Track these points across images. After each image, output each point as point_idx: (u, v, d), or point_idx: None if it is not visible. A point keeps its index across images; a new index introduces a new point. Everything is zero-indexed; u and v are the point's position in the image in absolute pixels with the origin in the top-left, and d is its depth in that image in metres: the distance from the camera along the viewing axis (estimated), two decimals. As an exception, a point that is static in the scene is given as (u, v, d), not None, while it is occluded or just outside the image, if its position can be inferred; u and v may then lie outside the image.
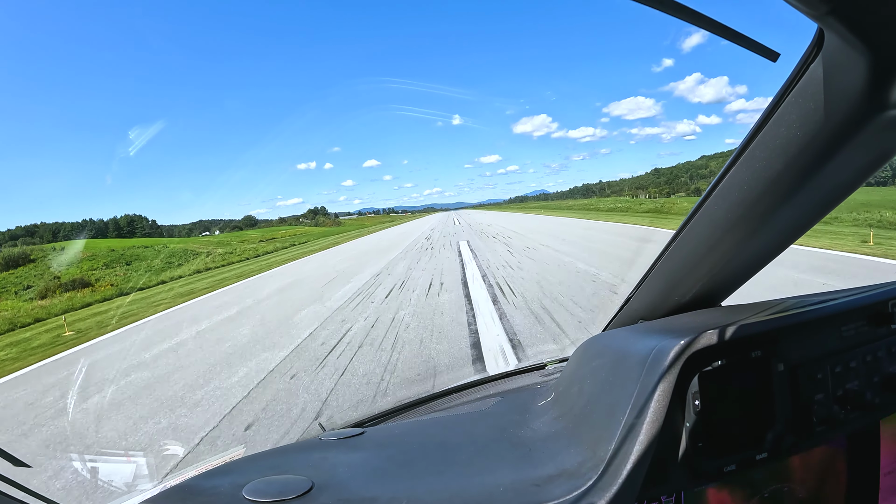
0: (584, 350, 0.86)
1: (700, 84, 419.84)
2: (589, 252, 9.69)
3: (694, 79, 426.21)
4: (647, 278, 0.97)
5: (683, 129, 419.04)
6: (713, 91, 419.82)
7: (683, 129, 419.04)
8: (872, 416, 0.80)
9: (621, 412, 0.62)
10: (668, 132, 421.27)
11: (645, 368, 0.64)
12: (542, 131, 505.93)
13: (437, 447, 0.78)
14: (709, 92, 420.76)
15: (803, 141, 0.57)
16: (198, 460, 2.71)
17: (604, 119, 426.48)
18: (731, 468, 0.67)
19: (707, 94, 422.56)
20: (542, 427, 0.79)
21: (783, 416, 0.70)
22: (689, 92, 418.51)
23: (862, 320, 0.79)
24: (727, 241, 0.76)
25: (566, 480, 0.60)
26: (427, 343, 4.47)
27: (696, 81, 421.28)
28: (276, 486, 0.64)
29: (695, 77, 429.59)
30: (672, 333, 0.68)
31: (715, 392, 0.67)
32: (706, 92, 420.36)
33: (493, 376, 1.27)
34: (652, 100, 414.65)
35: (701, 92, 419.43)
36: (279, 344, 5.12)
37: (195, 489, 0.67)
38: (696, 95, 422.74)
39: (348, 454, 0.78)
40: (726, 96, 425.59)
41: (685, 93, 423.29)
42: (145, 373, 4.73)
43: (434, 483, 0.65)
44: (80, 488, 2.49)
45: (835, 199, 0.68)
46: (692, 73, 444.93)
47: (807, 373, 0.72)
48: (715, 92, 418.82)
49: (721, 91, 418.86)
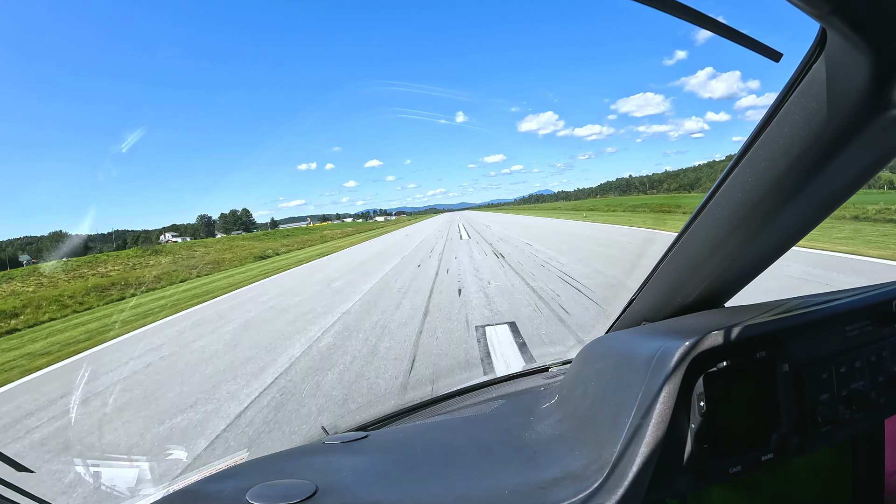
0: (588, 352, 0.86)
1: (712, 79, 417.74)
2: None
3: (706, 73, 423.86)
4: (651, 280, 0.96)
5: (691, 127, 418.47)
6: (724, 86, 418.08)
7: (691, 127, 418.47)
8: (877, 416, 0.80)
9: (626, 414, 0.62)
10: (676, 129, 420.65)
11: (650, 370, 0.64)
12: (548, 129, 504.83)
13: (441, 450, 0.78)
14: (720, 87, 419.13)
15: (806, 141, 0.57)
16: (202, 464, 2.71)
17: (611, 116, 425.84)
18: (737, 469, 0.67)
19: (718, 90, 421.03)
20: (546, 430, 0.79)
21: (788, 417, 0.70)
22: (700, 87, 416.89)
23: (866, 320, 0.79)
24: (730, 241, 0.75)
25: (571, 483, 0.60)
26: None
27: (707, 76, 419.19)
28: (280, 491, 0.64)
29: (706, 72, 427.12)
30: (676, 335, 0.67)
31: (720, 393, 0.67)
32: (717, 87, 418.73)
33: (497, 379, 1.27)
34: (661, 96, 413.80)
35: (712, 87, 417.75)
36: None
37: (199, 493, 0.67)
38: (707, 91, 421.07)
39: (352, 458, 0.78)
40: (737, 92, 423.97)
41: (696, 87, 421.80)
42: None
43: (438, 487, 0.65)
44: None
45: (838, 198, 0.68)
46: (704, 67, 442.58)
47: (811, 373, 0.72)
48: (726, 87, 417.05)
49: (733, 86, 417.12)
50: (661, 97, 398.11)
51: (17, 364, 6.05)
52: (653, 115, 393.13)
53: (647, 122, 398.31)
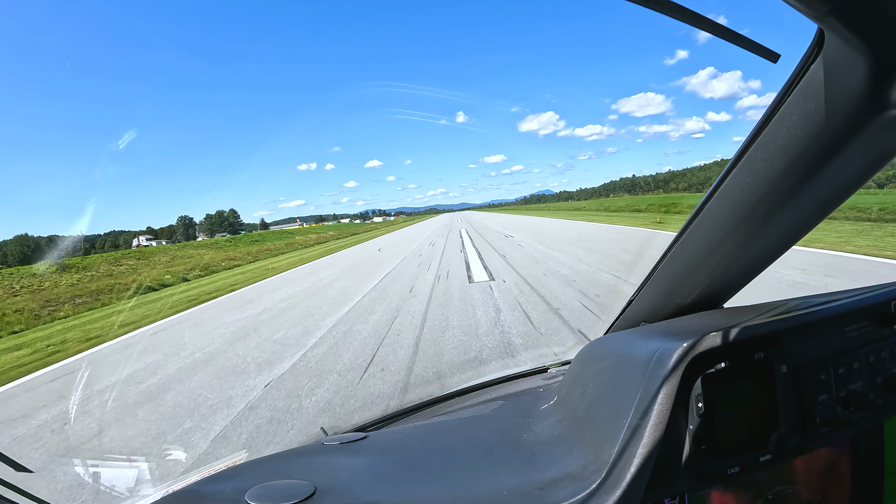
0: (587, 353, 0.86)
1: (713, 78, 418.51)
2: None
3: (707, 73, 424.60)
4: (649, 281, 0.96)
5: (692, 127, 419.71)
6: (726, 86, 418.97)
7: (692, 127, 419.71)
8: (876, 416, 0.80)
9: (625, 415, 0.62)
10: (677, 129, 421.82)
11: (648, 371, 0.64)
12: (548, 129, 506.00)
13: (440, 451, 0.78)
14: (721, 87, 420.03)
15: (804, 142, 0.57)
16: (201, 465, 2.71)
17: (612, 116, 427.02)
18: (735, 470, 0.67)
19: (720, 90, 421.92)
20: (544, 430, 0.79)
21: (787, 418, 0.70)
22: (702, 87, 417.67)
23: (865, 321, 0.79)
24: (729, 242, 0.75)
25: (570, 484, 0.60)
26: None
27: (708, 76, 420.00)
28: (279, 491, 0.64)
29: (708, 71, 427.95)
30: (675, 336, 0.67)
31: (718, 394, 0.67)
32: (719, 87, 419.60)
33: (496, 380, 1.27)
34: (662, 96, 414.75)
35: (713, 87, 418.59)
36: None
37: (198, 494, 0.67)
38: (709, 90, 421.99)
39: (351, 458, 0.78)
40: (738, 91, 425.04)
41: (697, 87, 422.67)
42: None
43: (437, 487, 0.65)
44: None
45: (836, 199, 0.68)
46: (706, 66, 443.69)
47: (810, 374, 0.72)
48: (728, 87, 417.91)
49: (734, 86, 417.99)
50: (661, 97, 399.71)
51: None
52: (654, 115, 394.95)
53: (648, 122, 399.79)
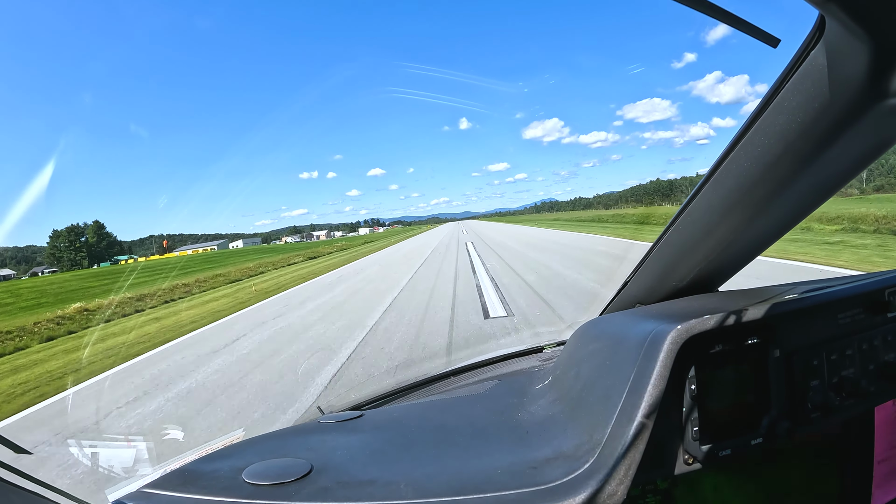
0: (582, 333, 0.87)
1: (720, 83, 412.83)
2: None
3: (714, 77, 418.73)
4: (645, 263, 0.96)
5: (697, 133, 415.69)
6: (733, 90, 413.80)
7: (697, 133, 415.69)
8: (867, 403, 0.80)
9: (618, 396, 0.63)
10: (682, 136, 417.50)
11: (642, 353, 0.64)
12: (552, 136, 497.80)
13: (436, 430, 0.79)
14: (728, 91, 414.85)
15: (802, 128, 0.56)
16: (198, 444, 2.72)
17: (617, 122, 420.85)
18: (727, 453, 0.68)
19: (726, 94, 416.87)
20: (539, 410, 0.80)
21: (778, 403, 0.71)
22: (708, 91, 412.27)
23: (858, 308, 0.79)
24: (725, 226, 0.75)
25: (563, 463, 0.61)
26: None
27: (715, 80, 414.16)
28: (276, 469, 0.65)
29: (715, 75, 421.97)
30: (669, 318, 0.68)
31: (711, 377, 0.67)
32: (725, 91, 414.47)
33: (492, 359, 1.28)
34: (668, 101, 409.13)
35: (720, 91, 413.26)
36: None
37: (195, 473, 0.67)
38: (715, 95, 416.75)
39: (347, 437, 0.79)
40: (745, 96, 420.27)
41: (704, 92, 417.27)
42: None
43: (432, 465, 0.66)
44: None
45: (833, 186, 0.68)
46: (713, 70, 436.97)
47: (802, 359, 0.73)
48: (734, 91, 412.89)
49: (741, 90, 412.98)
50: (667, 102, 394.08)
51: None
52: (659, 121, 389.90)
53: (653, 129, 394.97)
